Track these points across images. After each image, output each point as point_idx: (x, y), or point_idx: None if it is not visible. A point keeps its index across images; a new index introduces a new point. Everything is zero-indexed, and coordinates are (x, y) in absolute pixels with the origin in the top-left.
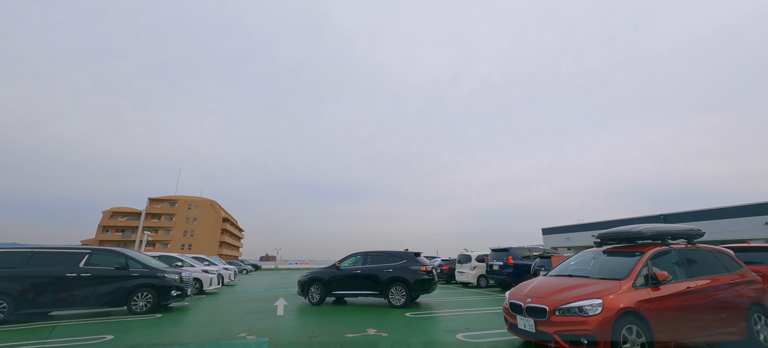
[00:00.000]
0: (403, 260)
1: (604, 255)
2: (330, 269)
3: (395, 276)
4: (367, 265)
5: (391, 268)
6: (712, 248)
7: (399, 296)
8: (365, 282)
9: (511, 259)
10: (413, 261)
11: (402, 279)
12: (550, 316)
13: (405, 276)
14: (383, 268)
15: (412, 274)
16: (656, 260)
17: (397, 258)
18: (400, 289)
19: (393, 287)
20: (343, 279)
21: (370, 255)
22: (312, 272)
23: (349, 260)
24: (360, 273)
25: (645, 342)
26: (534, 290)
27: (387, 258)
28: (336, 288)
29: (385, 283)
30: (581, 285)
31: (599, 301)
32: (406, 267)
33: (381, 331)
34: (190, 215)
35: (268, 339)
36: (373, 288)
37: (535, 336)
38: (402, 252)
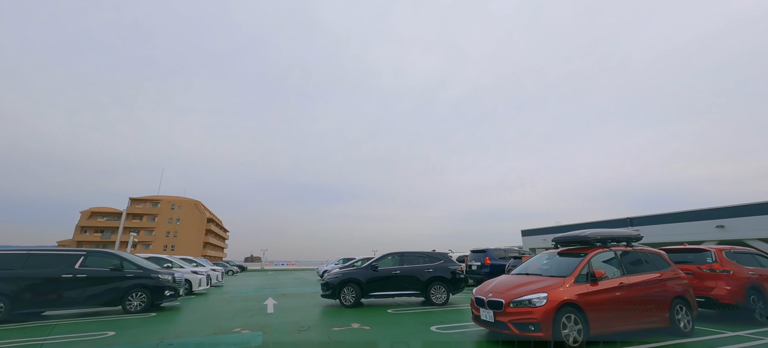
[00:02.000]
0: (441, 260)
1: (557, 256)
2: (365, 270)
3: (436, 275)
4: (406, 266)
5: (431, 268)
6: (647, 250)
7: (439, 294)
8: (405, 282)
9: (488, 260)
10: (450, 261)
11: (442, 278)
12: (505, 307)
13: (445, 275)
14: (423, 269)
15: (451, 273)
16: (596, 260)
17: (434, 258)
18: (440, 287)
19: (434, 286)
20: (382, 280)
21: (406, 255)
22: (343, 273)
23: (385, 261)
24: (399, 273)
25: (581, 328)
26: (495, 287)
27: (424, 258)
28: (374, 289)
29: (425, 283)
30: (533, 281)
31: (545, 295)
32: (445, 267)
33: (364, 325)
34: (174, 216)
35: (261, 333)
36: (414, 287)
37: (494, 325)
38: (437, 253)
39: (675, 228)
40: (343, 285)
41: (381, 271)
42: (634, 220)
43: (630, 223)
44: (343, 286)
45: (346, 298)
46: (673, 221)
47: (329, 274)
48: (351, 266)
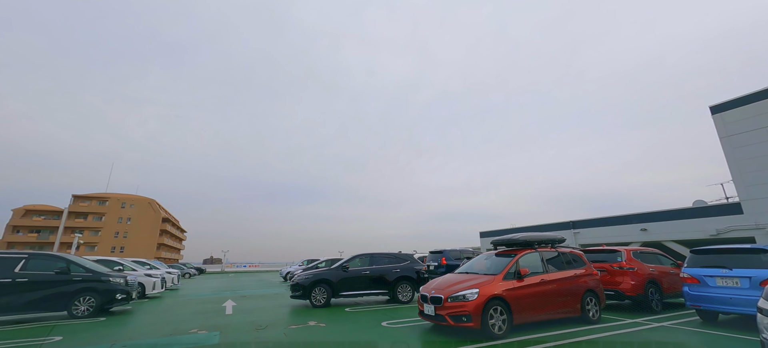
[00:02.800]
0: (407, 261)
1: (494, 256)
2: (336, 271)
3: (402, 275)
4: (375, 266)
5: (398, 268)
6: (567, 250)
7: (405, 293)
8: (374, 282)
9: (444, 260)
10: (415, 262)
11: (408, 277)
12: (444, 302)
13: (410, 274)
14: (391, 269)
15: (416, 273)
16: (523, 260)
17: (401, 259)
18: (406, 286)
19: (400, 285)
20: (352, 280)
21: (375, 256)
22: (315, 274)
23: (355, 261)
24: (369, 273)
25: (505, 318)
26: (437, 284)
27: (392, 259)
28: (344, 289)
29: (393, 283)
30: (470, 279)
31: (477, 291)
32: (411, 267)
33: (321, 322)
34: (124, 215)
35: (218, 333)
36: (382, 287)
37: (435, 318)
38: (404, 254)
39: (608, 230)
40: (314, 285)
41: (351, 272)
42: (576, 223)
43: (572, 226)
44: (315, 286)
45: (316, 299)
46: (607, 225)
47: (300, 275)
48: (315, 267)
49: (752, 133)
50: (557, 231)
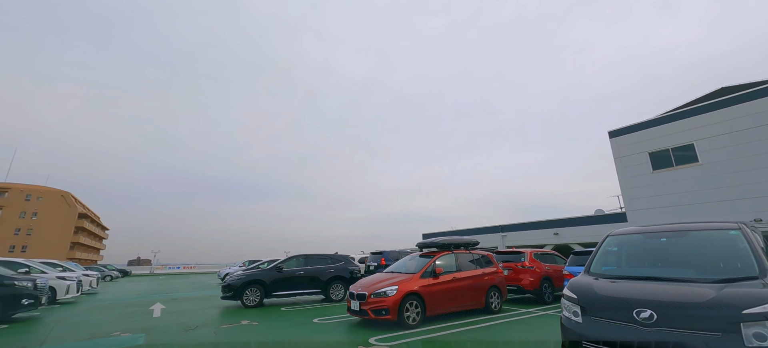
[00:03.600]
0: (342, 262)
1: (418, 257)
2: (270, 271)
3: (336, 275)
4: (310, 267)
5: (333, 268)
6: (480, 252)
7: (338, 292)
8: (308, 282)
9: (383, 261)
10: (350, 263)
11: (342, 277)
12: (368, 298)
13: (344, 275)
14: (325, 269)
15: (350, 272)
16: (440, 260)
17: (336, 260)
18: (339, 285)
19: (334, 285)
20: (286, 280)
21: (310, 257)
22: (247, 274)
23: (290, 262)
24: (303, 274)
25: (420, 311)
26: (364, 283)
27: (327, 260)
28: (278, 289)
29: (326, 282)
30: (392, 277)
31: (396, 287)
32: (346, 267)
33: (253, 321)
34: (29, 209)
35: (143, 334)
36: (316, 287)
37: (359, 313)
38: (339, 255)
39: (529, 234)
40: (246, 286)
41: (286, 272)
42: (504, 227)
43: (501, 229)
44: (247, 287)
45: (248, 299)
46: (529, 229)
47: (231, 276)
48: (256, 268)
49: (635, 156)
50: (488, 234)
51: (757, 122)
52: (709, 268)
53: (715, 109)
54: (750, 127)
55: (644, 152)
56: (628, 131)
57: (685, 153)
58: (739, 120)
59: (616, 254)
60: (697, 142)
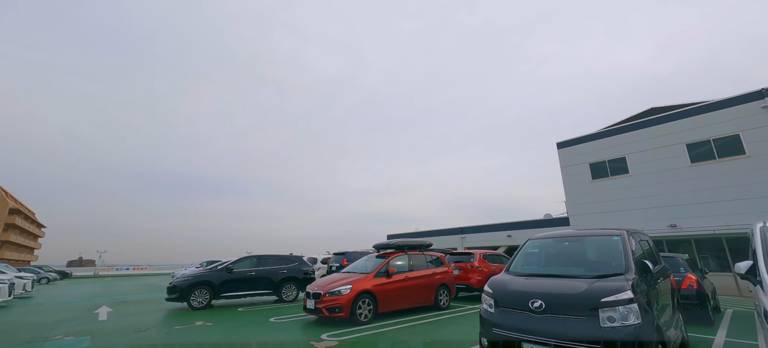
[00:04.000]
0: (295, 262)
1: (374, 258)
2: (219, 272)
3: (289, 276)
4: (262, 267)
5: (285, 269)
6: (432, 253)
7: (290, 292)
8: (259, 282)
9: (345, 261)
10: (303, 263)
11: (295, 278)
12: (323, 297)
13: (297, 275)
14: (277, 270)
15: (303, 273)
16: (394, 261)
17: (290, 261)
18: (291, 286)
19: (286, 285)
20: (236, 281)
21: (263, 258)
22: (194, 275)
23: (241, 263)
24: (255, 274)
25: (372, 308)
26: (320, 283)
27: (279, 261)
28: (227, 290)
29: (278, 283)
30: (347, 277)
31: (350, 286)
32: (299, 268)
33: (208, 321)
34: None
35: (88, 338)
36: (267, 287)
37: (315, 311)
38: (294, 256)
39: (486, 236)
40: (193, 287)
41: (236, 273)
42: (464, 229)
43: (461, 231)
44: (194, 288)
45: (196, 301)
46: (485, 231)
47: (177, 277)
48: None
49: (578, 166)
50: (449, 236)
51: (675, 140)
52: (593, 266)
53: (643, 127)
54: (669, 145)
55: (586, 163)
56: (573, 143)
57: (618, 165)
58: (661, 138)
59: (537, 255)
60: (628, 155)
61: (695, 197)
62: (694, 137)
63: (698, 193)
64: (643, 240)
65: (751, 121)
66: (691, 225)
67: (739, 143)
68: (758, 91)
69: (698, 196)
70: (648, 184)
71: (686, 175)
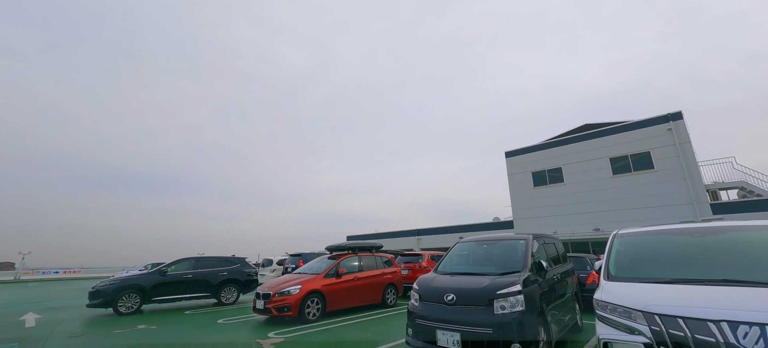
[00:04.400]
0: (237, 264)
1: (326, 259)
2: (151, 275)
3: (230, 278)
4: (200, 270)
5: (226, 271)
6: (383, 254)
7: (230, 295)
8: (196, 285)
9: (301, 262)
10: (246, 265)
11: (236, 280)
12: (272, 297)
13: (239, 277)
14: (217, 272)
15: (245, 275)
16: (345, 262)
17: (231, 263)
18: (231, 288)
19: (226, 288)
20: (171, 284)
21: (201, 260)
22: (122, 279)
23: (177, 265)
24: (192, 277)
25: (320, 307)
26: (270, 283)
27: (220, 262)
28: (160, 294)
29: (217, 286)
30: (299, 277)
31: (299, 287)
32: (240, 270)
33: (151, 325)
34: None
35: (16, 344)
36: (205, 290)
37: (264, 311)
38: (236, 257)
39: (439, 238)
40: (120, 292)
41: (170, 276)
42: (420, 231)
43: (417, 233)
44: (121, 293)
45: (124, 306)
46: (440, 233)
47: (104, 281)
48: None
49: (522, 174)
50: (406, 237)
51: (601, 154)
52: (500, 265)
53: (576, 142)
54: (596, 158)
55: (529, 171)
56: (519, 153)
57: (556, 174)
58: (590, 151)
59: (461, 256)
60: (564, 166)
61: (615, 204)
62: (615, 152)
63: (617, 201)
64: (549, 243)
65: (659, 141)
66: (611, 229)
67: (649, 159)
68: (665, 115)
69: (617, 204)
70: (579, 192)
71: (608, 185)
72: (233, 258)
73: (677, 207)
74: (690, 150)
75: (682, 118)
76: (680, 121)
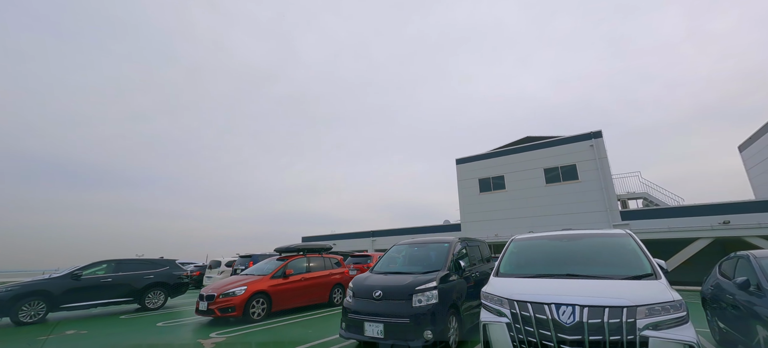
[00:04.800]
0: (166, 267)
1: (274, 260)
2: (62, 280)
3: (157, 281)
4: (121, 273)
5: (152, 274)
6: (333, 256)
7: (156, 299)
8: (116, 290)
9: (251, 264)
10: (175, 267)
11: (163, 283)
12: (216, 298)
13: (167, 281)
14: (142, 276)
15: (175, 278)
16: (293, 263)
17: (159, 265)
18: (158, 292)
19: (152, 292)
20: (84, 290)
21: (123, 263)
22: (23, 285)
23: (94, 269)
24: (111, 281)
25: (266, 307)
26: (216, 284)
27: (144, 265)
28: (72, 300)
29: (141, 290)
30: (245, 278)
31: (245, 287)
32: (169, 273)
33: (81, 330)
34: None
35: None
36: (127, 295)
37: (207, 312)
38: (165, 260)
39: (394, 239)
40: (20, 299)
41: (85, 281)
42: (375, 232)
43: (372, 234)
44: (21, 300)
45: (27, 315)
46: (393, 235)
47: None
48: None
49: (470, 180)
50: (361, 238)
51: (537, 165)
52: (426, 264)
53: (517, 153)
54: (533, 168)
55: (475, 178)
56: (468, 161)
57: (498, 181)
58: (529, 162)
59: (395, 257)
60: (506, 174)
61: (547, 210)
62: (548, 164)
63: (549, 207)
64: (474, 245)
65: (583, 155)
66: (544, 231)
67: (575, 171)
68: (588, 133)
69: (549, 210)
70: (517, 199)
71: (542, 193)
72: (161, 260)
73: (595, 213)
74: (606, 164)
75: (601, 137)
76: (600, 139)
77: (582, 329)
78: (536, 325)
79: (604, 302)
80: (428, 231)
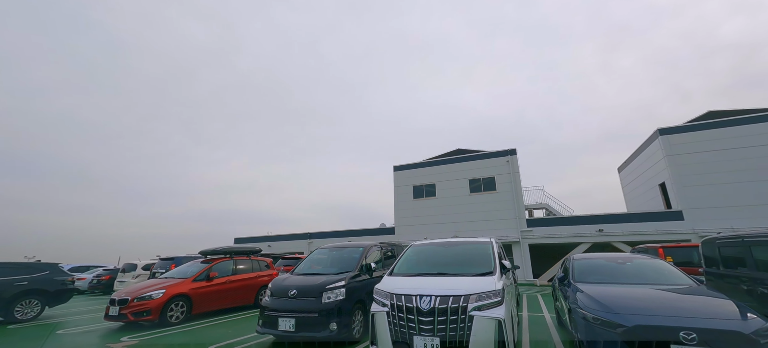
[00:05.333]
0: (45, 271)
1: (198, 263)
2: None
3: (31, 288)
4: None
5: (26, 280)
6: (260, 258)
7: (30, 310)
8: None
9: (173, 267)
10: (59, 272)
11: (42, 291)
12: (130, 303)
13: (47, 287)
14: (10, 282)
15: (57, 284)
16: (217, 266)
17: (35, 270)
18: (33, 301)
19: (24, 301)
20: None
21: None
22: None
23: None
24: None
25: (185, 310)
26: (130, 288)
27: (14, 270)
28: None
29: (10, 299)
30: (164, 282)
31: (163, 291)
32: (50, 278)
33: None
34: None
35: None
36: None
37: (119, 317)
38: (44, 263)
39: (330, 240)
40: None
41: None
42: (312, 234)
43: (309, 236)
44: None
45: None
46: (330, 237)
47: None
48: None
49: (405, 187)
50: (298, 240)
51: (463, 176)
52: (341, 266)
53: (448, 163)
54: (460, 178)
55: (411, 185)
56: (405, 168)
57: (430, 189)
58: (456, 172)
59: (317, 260)
60: (437, 183)
61: (470, 217)
62: (473, 175)
63: (472, 214)
64: (388, 249)
65: (501, 169)
66: (467, 236)
67: (494, 183)
68: (505, 150)
69: (471, 216)
70: (446, 206)
71: (466, 201)
72: (39, 264)
73: (507, 220)
74: (518, 179)
75: (516, 154)
76: (514, 156)
77: (434, 312)
78: (406, 311)
79: (449, 292)
80: (364, 234)
